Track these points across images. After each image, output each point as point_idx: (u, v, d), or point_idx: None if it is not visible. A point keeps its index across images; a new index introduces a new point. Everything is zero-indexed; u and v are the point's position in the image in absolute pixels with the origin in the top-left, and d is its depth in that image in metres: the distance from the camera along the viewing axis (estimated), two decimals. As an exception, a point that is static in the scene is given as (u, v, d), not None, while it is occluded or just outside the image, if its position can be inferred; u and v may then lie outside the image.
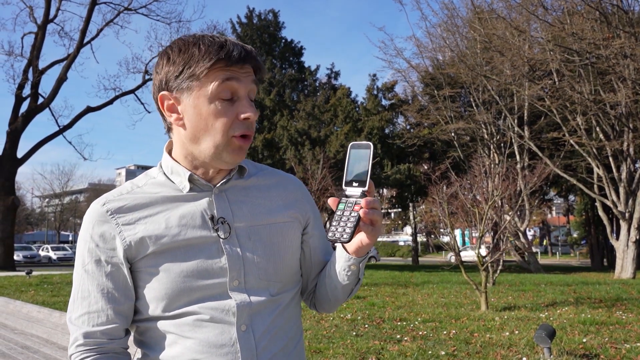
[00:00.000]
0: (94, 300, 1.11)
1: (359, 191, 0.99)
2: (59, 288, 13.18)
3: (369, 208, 0.98)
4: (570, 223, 58.56)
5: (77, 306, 1.12)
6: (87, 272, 1.12)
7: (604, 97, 19.11)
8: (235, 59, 1.07)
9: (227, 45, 1.08)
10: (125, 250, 1.10)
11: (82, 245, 1.13)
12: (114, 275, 1.11)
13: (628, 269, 19.77)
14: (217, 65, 1.06)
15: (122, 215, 1.11)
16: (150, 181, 1.17)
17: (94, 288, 1.11)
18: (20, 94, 24.39)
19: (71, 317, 1.13)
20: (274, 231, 1.17)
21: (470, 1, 23.50)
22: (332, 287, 1.20)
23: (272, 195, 1.21)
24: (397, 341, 6.40)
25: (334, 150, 25.16)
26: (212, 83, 1.07)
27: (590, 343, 6.16)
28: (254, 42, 29.98)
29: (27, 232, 74.46)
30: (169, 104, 1.12)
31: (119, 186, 1.18)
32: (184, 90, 1.09)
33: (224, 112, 1.08)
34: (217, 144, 1.09)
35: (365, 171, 0.99)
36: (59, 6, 24.98)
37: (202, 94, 1.07)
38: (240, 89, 1.09)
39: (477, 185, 11.57)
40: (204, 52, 1.07)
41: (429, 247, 60.02)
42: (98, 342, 1.11)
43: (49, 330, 5.13)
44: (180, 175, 1.14)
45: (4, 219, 23.33)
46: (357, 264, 1.13)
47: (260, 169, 1.25)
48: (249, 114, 1.09)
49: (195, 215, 1.11)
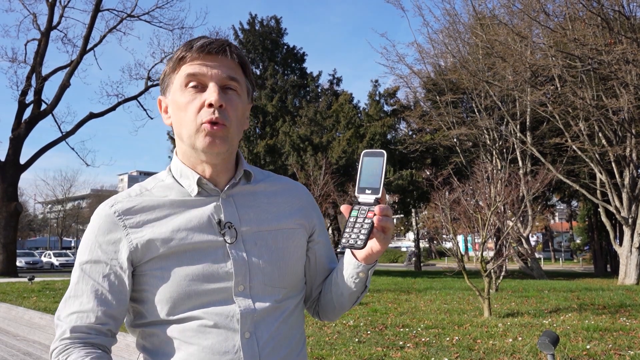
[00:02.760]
0: (86, 300, 1.10)
1: (372, 198, 0.99)
2: (61, 294, 13.17)
3: (382, 215, 0.99)
4: (573, 229, 58.38)
5: (69, 304, 1.11)
6: (84, 271, 1.12)
7: (606, 103, 19.09)
8: (199, 49, 1.11)
9: (198, 40, 1.13)
10: (131, 252, 1.10)
11: (85, 243, 1.14)
12: (110, 278, 1.11)
13: (632, 275, 19.69)
14: (185, 59, 1.12)
15: (130, 217, 1.11)
16: (159, 184, 1.17)
17: (88, 288, 1.11)
18: (23, 101, 24.48)
19: (60, 315, 1.12)
20: (280, 237, 1.17)
21: (472, 7, 23.57)
22: (339, 294, 1.21)
23: (279, 202, 1.21)
24: (399, 348, 6.37)
25: (336, 156, 25.16)
26: (180, 75, 1.13)
27: (594, 350, 6.12)
28: (256, 49, 30.08)
29: (29, 238, 74.46)
30: (164, 106, 1.19)
31: (128, 189, 1.19)
32: (168, 89, 1.16)
33: (191, 100, 1.11)
34: (190, 134, 1.11)
35: (378, 179, 1.00)
36: (62, 13, 25.12)
37: (175, 88, 1.14)
38: (206, 78, 1.11)
39: (480, 191, 11.55)
40: (178, 51, 1.14)
41: (431, 253, 59.88)
42: (84, 335, 1.09)
43: (51, 336, 5.12)
44: (189, 178, 1.15)
45: (7, 225, 23.35)
46: (366, 272, 1.13)
47: (267, 175, 1.26)
48: (211, 99, 1.09)
49: (202, 219, 1.12)
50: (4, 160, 23.73)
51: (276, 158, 26.62)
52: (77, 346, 1.07)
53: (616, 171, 20.95)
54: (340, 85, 31.20)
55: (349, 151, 25.74)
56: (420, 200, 28.55)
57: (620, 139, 20.92)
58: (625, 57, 17.36)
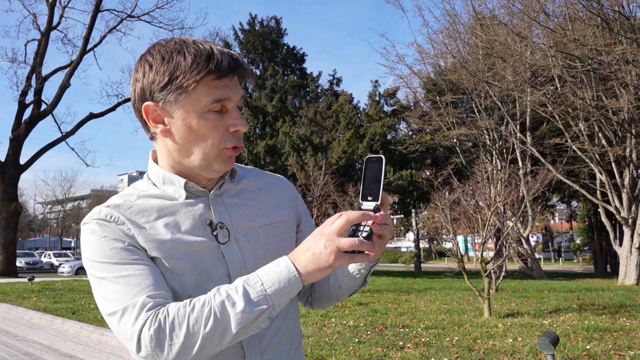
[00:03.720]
0: (141, 278, 1.00)
1: (372, 205, 1.00)
2: (61, 294, 13.17)
3: (380, 224, 0.99)
4: (573, 229, 58.40)
5: (127, 294, 0.98)
6: (118, 263, 1.01)
7: (606, 103, 19.11)
8: (225, 71, 1.04)
9: (214, 55, 1.03)
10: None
11: (97, 247, 1.04)
12: (145, 257, 1.04)
13: (632, 275, 19.69)
14: (206, 78, 1.03)
15: (120, 226, 1.06)
16: (141, 194, 1.12)
17: (135, 271, 1.00)
18: (23, 101, 24.49)
19: (127, 306, 0.97)
20: (271, 232, 1.17)
21: (472, 8, 23.58)
22: (337, 287, 1.22)
23: (264, 196, 1.21)
24: (399, 348, 6.37)
25: (336, 156, 25.18)
26: (202, 98, 1.03)
27: (594, 350, 6.12)
28: (256, 49, 30.09)
29: (29, 238, 74.47)
30: (154, 115, 1.07)
31: (110, 198, 1.13)
32: (172, 102, 1.05)
33: (214, 125, 1.05)
34: (207, 156, 1.07)
35: (378, 185, 1.01)
36: (62, 13, 25.13)
37: (191, 108, 1.04)
38: (230, 101, 1.06)
39: (480, 191, 11.55)
40: (190, 63, 1.02)
41: (431, 254, 59.90)
42: (163, 301, 0.99)
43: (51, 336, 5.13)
44: (175, 184, 1.11)
45: (7, 226, 23.35)
46: (368, 268, 1.16)
47: (248, 170, 1.25)
48: (239, 127, 1.07)
49: (193, 222, 1.10)
50: (3, 160, 23.73)
51: (276, 158, 26.63)
52: (167, 304, 0.97)
53: (616, 171, 20.96)
54: (340, 85, 31.26)
55: (348, 151, 25.75)
56: (420, 201, 28.56)
57: (620, 139, 20.93)
58: (625, 58, 17.37)
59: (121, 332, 0.97)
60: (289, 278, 0.96)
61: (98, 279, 1.02)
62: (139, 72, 1.08)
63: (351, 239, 0.95)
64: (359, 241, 0.95)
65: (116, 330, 0.99)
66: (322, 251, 0.95)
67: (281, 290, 0.96)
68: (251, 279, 0.97)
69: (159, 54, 1.06)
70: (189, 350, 0.93)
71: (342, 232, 0.96)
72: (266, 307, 0.95)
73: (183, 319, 0.94)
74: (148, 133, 1.13)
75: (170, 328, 0.93)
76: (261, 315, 0.95)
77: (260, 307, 0.95)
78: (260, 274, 0.97)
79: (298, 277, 0.96)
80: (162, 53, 1.05)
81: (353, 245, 0.95)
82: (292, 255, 0.99)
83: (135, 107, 1.11)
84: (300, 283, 0.96)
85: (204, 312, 0.94)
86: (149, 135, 1.13)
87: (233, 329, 0.94)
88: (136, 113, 1.12)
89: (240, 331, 0.95)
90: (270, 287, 0.96)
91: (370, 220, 0.98)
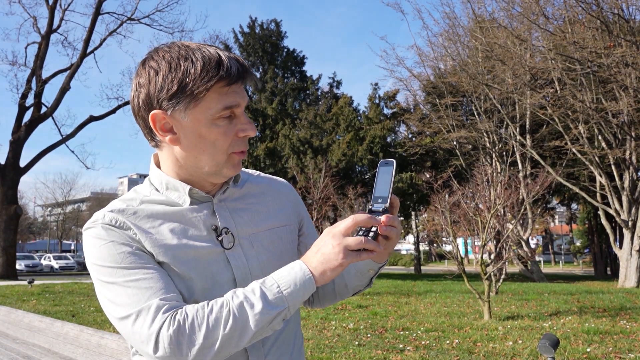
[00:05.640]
0: (152, 282, 0.99)
1: (381, 207, 1.03)
2: (61, 297, 13.16)
3: (387, 225, 1.00)
4: (573, 232, 58.40)
5: (139, 297, 0.98)
6: (127, 268, 1.00)
7: (605, 106, 19.13)
8: (235, 77, 1.03)
9: (223, 61, 1.02)
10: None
11: (104, 252, 1.02)
12: (153, 262, 1.04)
13: (632, 278, 19.67)
14: (216, 85, 1.02)
15: (127, 231, 1.05)
16: (144, 199, 1.11)
17: (145, 274, 1.00)
18: (23, 104, 24.50)
19: (141, 309, 0.96)
20: (274, 236, 1.17)
21: (471, 10, 23.60)
22: (342, 286, 1.24)
23: (267, 200, 1.21)
24: (399, 351, 6.36)
25: (336, 159, 25.19)
26: (213, 105, 1.03)
27: (594, 353, 6.12)
28: (256, 52, 30.13)
29: (29, 241, 74.50)
30: (162, 123, 1.05)
31: (111, 202, 1.11)
32: (181, 110, 1.03)
33: (224, 132, 1.05)
34: (217, 162, 1.07)
35: (387, 188, 1.03)
36: (63, 16, 25.16)
37: (202, 116, 1.03)
38: (239, 107, 1.06)
39: (480, 193, 11.56)
40: (200, 70, 1.00)
41: (431, 256, 59.84)
42: (176, 304, 0.99)
43: (51, 339, 5.12)
44: (179, 190, 1.10)
45: (7, 228, 23.34)
46: (376, 269, 1.18)
47: (249, 174, 1.25)
48: (248, 132, 1.08)
49: (199, 228, 1.09)
50: (4, 163, 23.73)
51: (276, 161, 26.65)
52: (183, 306, 0.98)
53: (616, 174, 20.97)
54: (340, 88, 31.29)
55: (348, 154, 25.77)
56: (420, 203, 28.57)
57: (619, 142, 20.94)
58: (625, 60, 17.39)
59: (136, 334, 0.96)
60: (303, 280, 0.98)
61: (106, 284, 1.01)
62: (142, 78, 1.05)
63: (358, 237, 0.98)
64: (365, 239, 0.98)
65: (129, 334, 0.98)
66: (331, 251, 0.98)
67: (297, 291, 0.98)
68: (267, 282, 0.99)
69: (164, 60, 1.03)
70: (208, 350, 0.94)
71: (350, 232, 0.98)
72: (283, 309, 0.97)
73: (202, 320, 0.95)
74: (152, 141, 1.10)
75: (190, 329, 0.94)
76: (277, 316, 0.97)
77: (277, 309, 0.97)
78: (276, 277, 0.99)
79: (312, 278, 0.98)
80: (167, 59, 1.03)
81: (360, 244, 0.97)
82: (304, 258, 1.02)
83: (139, 115, 1.07)
84: (314, 284, 0.99)
85: (223, 313, 0.95)
86: (153, 143, 1.11)
87: (252, 330, 0.96)
88: (139, 120, 1.08)
89: (258, 332, 0.97)
90: (287, 289, 0.98)
91: (377, 223, 1.01)
